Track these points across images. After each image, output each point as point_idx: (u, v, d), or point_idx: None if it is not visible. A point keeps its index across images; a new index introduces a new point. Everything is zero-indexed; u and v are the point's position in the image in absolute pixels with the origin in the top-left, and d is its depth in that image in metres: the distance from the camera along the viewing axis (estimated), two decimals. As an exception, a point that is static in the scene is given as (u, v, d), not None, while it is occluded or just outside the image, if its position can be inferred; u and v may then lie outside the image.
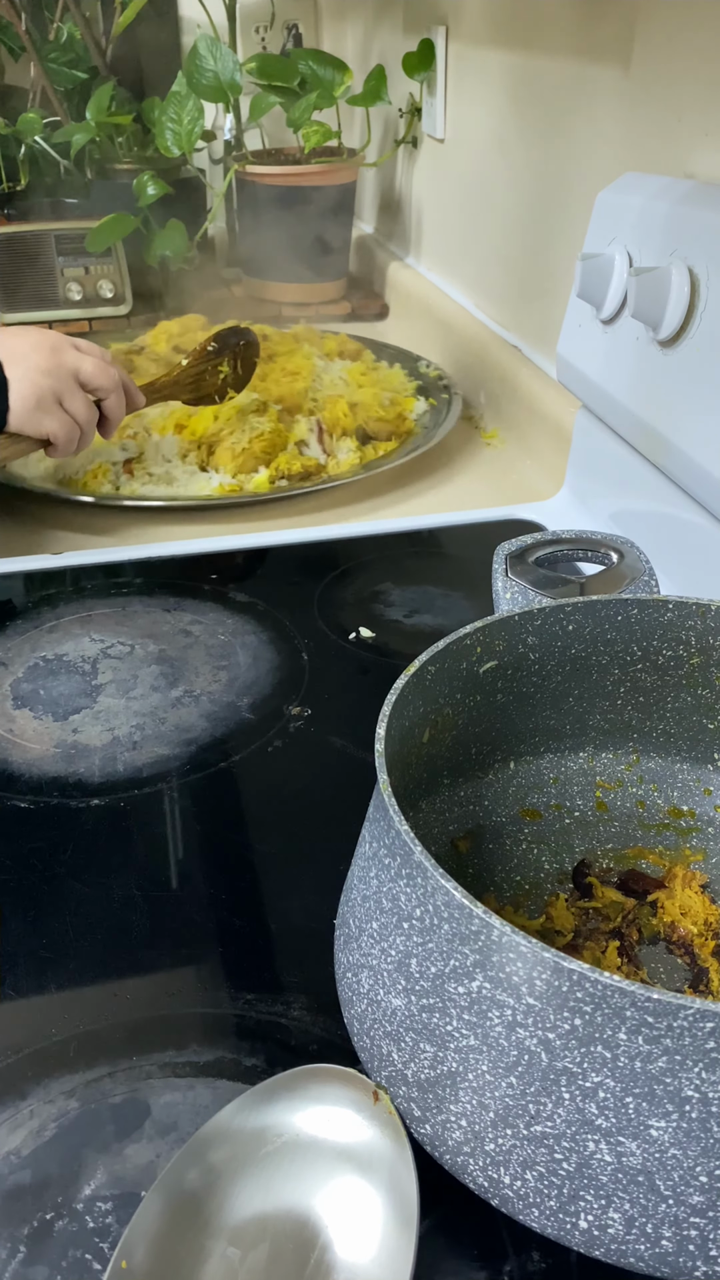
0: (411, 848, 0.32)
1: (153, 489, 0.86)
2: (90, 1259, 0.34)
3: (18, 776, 0.55)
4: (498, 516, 0.83)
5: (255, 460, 0.87)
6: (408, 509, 0.87)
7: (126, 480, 0.86)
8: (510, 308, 1.04)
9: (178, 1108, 0.38)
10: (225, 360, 0.90)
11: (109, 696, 0.61)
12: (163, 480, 0.86)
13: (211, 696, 0.61)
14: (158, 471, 0.87)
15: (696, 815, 0.48)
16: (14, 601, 0.71)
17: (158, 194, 1.18)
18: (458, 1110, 0.32)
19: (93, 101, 1.25)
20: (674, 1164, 0.29)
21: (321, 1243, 0.33)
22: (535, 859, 0.46)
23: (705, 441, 0.62)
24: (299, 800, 0.54)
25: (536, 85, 0.91)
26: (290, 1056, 0.40)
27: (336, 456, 0.91)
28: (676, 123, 0.70)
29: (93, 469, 0.85)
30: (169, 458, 0.88)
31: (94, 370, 0.74)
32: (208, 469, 0.88)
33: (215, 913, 0.47)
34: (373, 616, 0.69)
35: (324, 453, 0.90)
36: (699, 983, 0.41)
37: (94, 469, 0.85)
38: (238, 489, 0.85)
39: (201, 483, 0.86)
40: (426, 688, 0.40)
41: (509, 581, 0.51)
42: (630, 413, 0.70)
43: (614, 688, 0.47)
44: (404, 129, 1.26)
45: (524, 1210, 0.32)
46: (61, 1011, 0.42)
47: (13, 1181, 0.36)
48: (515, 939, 0.29)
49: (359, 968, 0.36)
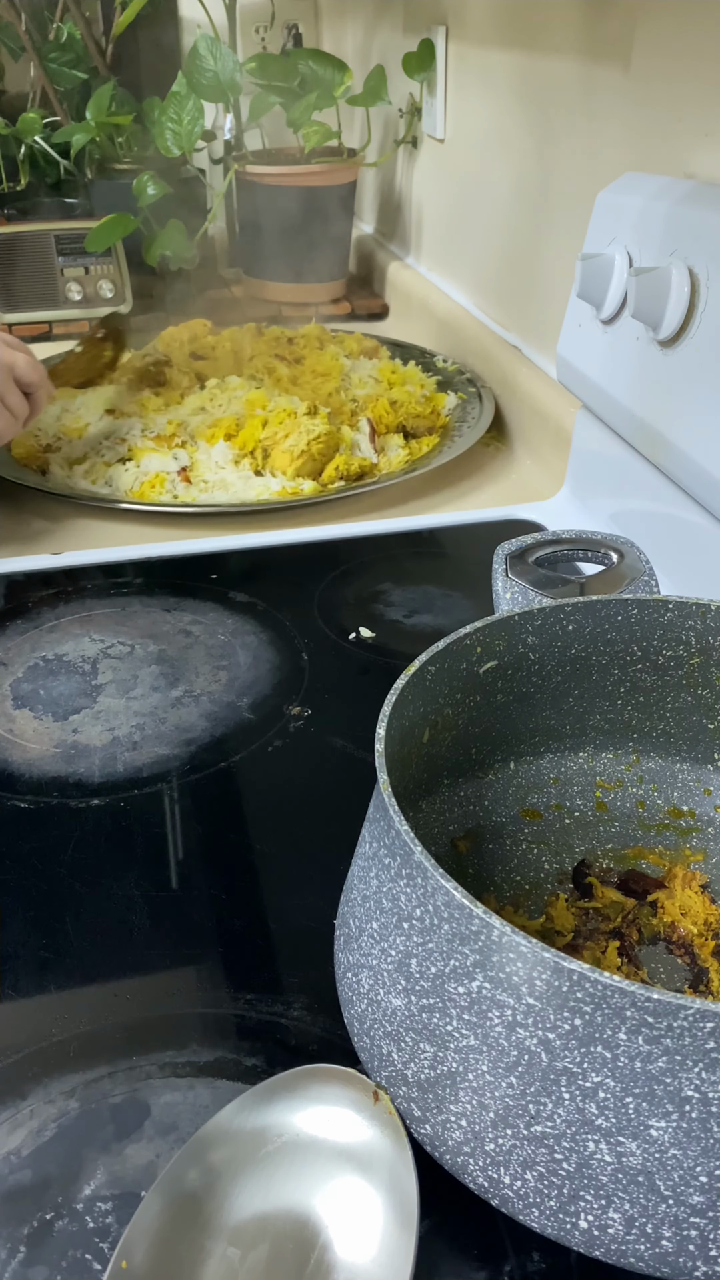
0: (411, 848, 0.32)
1: (210, 496, 0.84)
2: (90, 1259, 0.34)
3: (18, 776, 0.55)
4: (498, 516, 0.83)
5: (314, 463, 0.86)
6: (408, 509, 0.87)
7: (185, 488, 0.85)
8: (510, 308, 1.04)
9: (178, 1108, 0.38)
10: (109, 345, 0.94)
11: (109, 696, 0.61)
12: (219, 487, 0.85)
13: (211, 696, 0.61)
14: (213, 479, 0.86)
15: (696, 815, 0.48)
16: (14, 601, 0.71)
17: (158, 194, 1.18)
18: (458, 1110, 0.32)
19: (93, 101, 1.25)
20: (674, 1164, 0.29)
21: (321, 1243, 0.33)
22: (535, 859, 0.46)
23: (705, 441, 0.62)
24: (299, 800, 0.54)
25: (537, 85, 0.91)
26: (290, 1056, 0.40)
27: (387, 454, 0.91)
28: (676, 123, 0.70)
29: (150, 480, 0.84)
30: (222, 465, 0.87)
31: (26, 366, 0.78)
32: (263, 473, 0.87)
33: (215, 913, 0.47)
34: (373, 616, 0.69)
35: (375, 452, 0.90)
36: (699, 983, 0.41)
37: (151, 480, 0.84)
38: (297, 491, 0.84)
39: (259, 487, 0.85)
40: (426, 688, 0.40)
41: (509, 581, 0.51)
42: (630, 413, 0.70)
43: (614, 688, 0.47)
44: (404, 129, 1.26)
45: (524, 1210, 0.32)
46: (61, 1011, 0.42)
47: (13, 1181, 0.36)
48: (515, 939, 0.29)
49: (359, 968, 0.36)
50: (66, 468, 0.89)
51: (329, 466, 0.86)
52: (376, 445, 0.91)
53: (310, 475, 0.86)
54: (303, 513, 0.85)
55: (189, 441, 0.90)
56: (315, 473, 0.86)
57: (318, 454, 0.86)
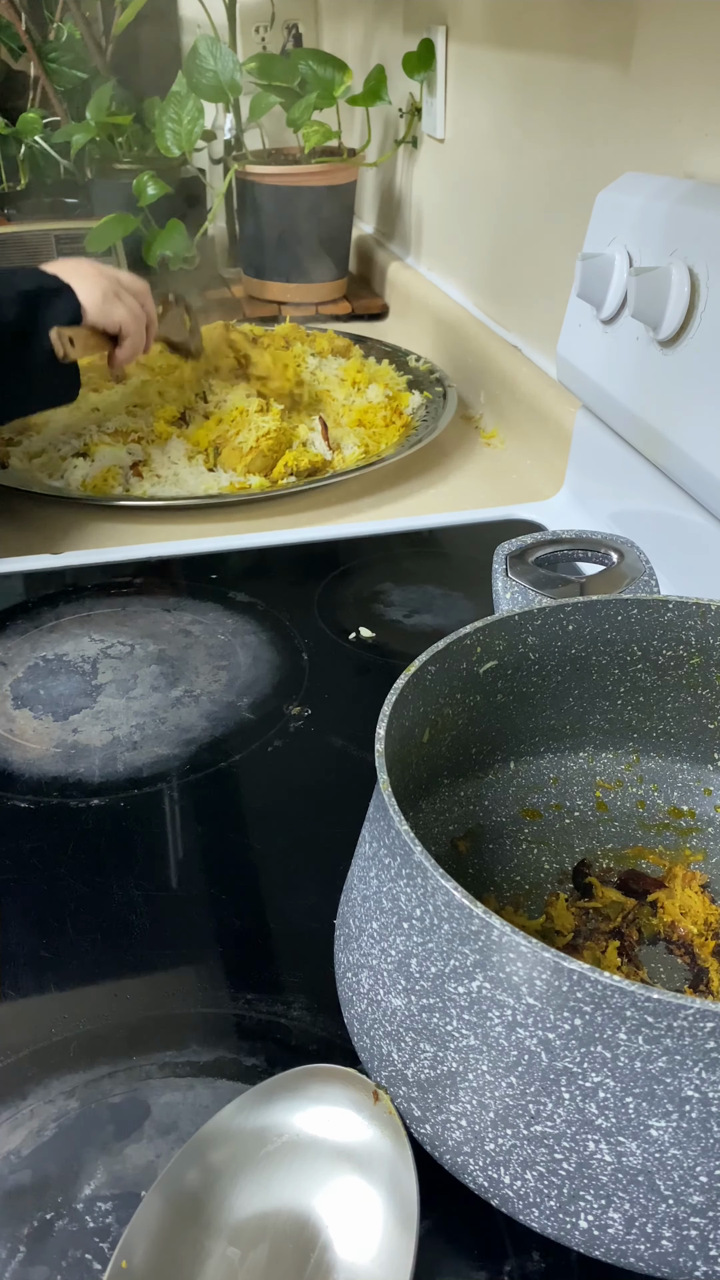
0: (411, 848, 0.32)
1: (161, 489, 0.86)
2: (90, 1259, 0.34)
3: (18, 776, 0.55)
4: (498, 516, 0.83)
5: (264, 459, 0.87)
6: (408, 509, 0.87)
7: (136, 482, 0.87)
8: (510, 308, 1.04)
9: (178, 1108, 0.38)
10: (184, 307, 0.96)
11: (109, 696, 0.61)
12: (171, 482, 0.87)
13: (211, 696, 0.61)
14: (165, 473, 0.88)
15: (696, 815, 0.48)
16: (14, 601, 0.71)
17: (158, 194, 1.18)
18: (458, 1110, 0.32)
19: (93, 101, 1.25)
20: (674, 1164, 0.29)
21: (321, 1243, 0.33)
22: (535, 859, 0.46)
23: (705, 441, 0.62)
24: (299, 800, 0.54)
25: (537, 85, 0.91)
26: (290, 1056, 0.40)
27: (341, 452, 0.91)
28: (676, 123, 0.70)
29: (102, 473, 0.86)
30: (175, 460, 0.89)
31: (130, 278, 0.85)
32: (215, 469, 0.89)
33: (215, 913, 0.47)
34: (373, 616, 0.69)
35: (329, 449, 0.91)
36: (699, 983, 0.41)
37: (103, 473, 0.86)
38: (245, 486, 0.86)
39: (210, 482, 0.87)
40: (426, 688, 0.40)
41: (509, 581, 0.51)
42: (630, 413, 0.70)
43: (614, 688, 0.47)
44: (404, 129, 1.26)
45: (524, 1210, 0.32)
46: (61, 1011, 0.42)
47: (13, 1181, 0.36)
48: (515, 939, 0.29)
49: (359, 968, 0.36)
50: (26, 461, 0.90)
51: (279, 463, 0.88)
52: (330, 442, 0.91)
53: (261, 471, 0.87)
54: (273, 507, 0.86)
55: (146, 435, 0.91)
56: (266, 469, 0.88)
57: (268, 450, 0.87)
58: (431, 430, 0.93)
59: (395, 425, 0.96)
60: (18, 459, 0.91)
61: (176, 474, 0.87)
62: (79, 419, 0.94)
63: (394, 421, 0.96)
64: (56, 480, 0.88)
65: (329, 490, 0.88)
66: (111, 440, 0.90)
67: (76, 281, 0.79)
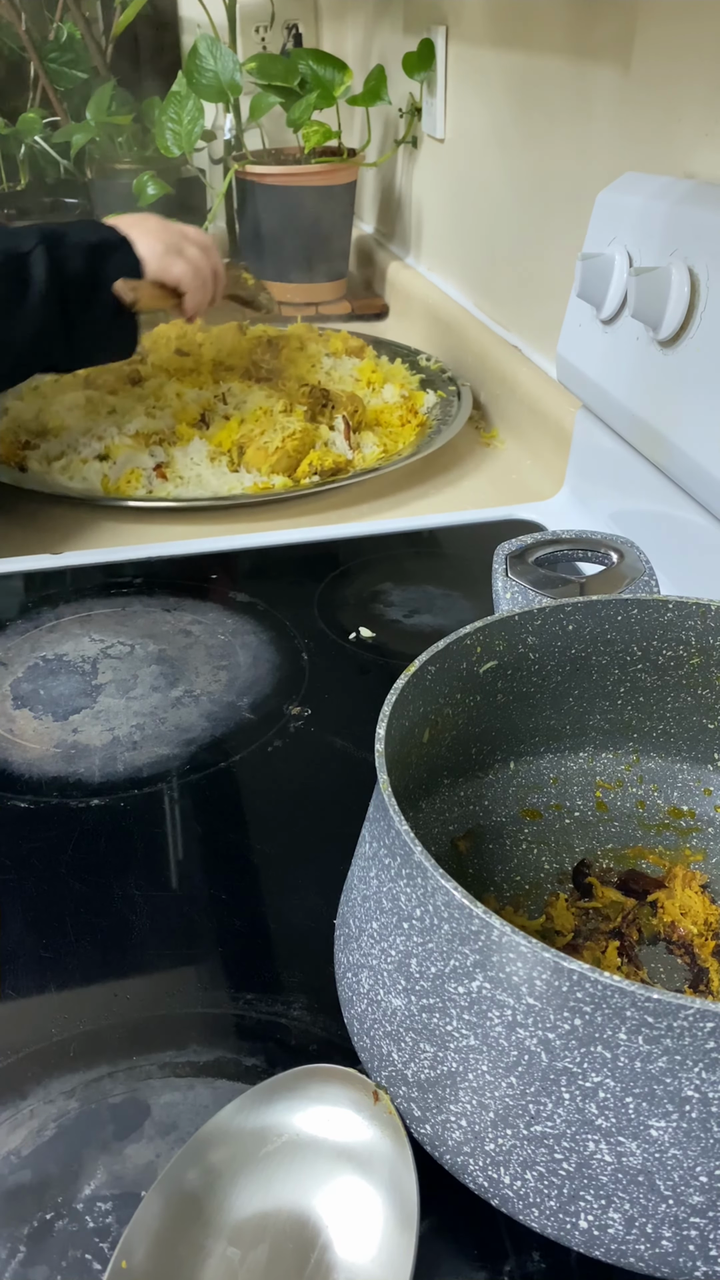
0: (411, 848, 0.32)
1: (185, 491, 0.86)
2: (90, 1259, 0.34)
3: (18, 776, 0.55)
4: (498, 516, 0.83)
5: (289, 459, 0.87)
6: (408, 509, 0.87)
7: (160, 484, 0.86)
8: (510, 308, 1.04)
9: (178, 1108, 0.38)
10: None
11: (109, 696, 0.61)
12: (194, 483, 0.86)
13: (211, 696, 0.61)
14: (189, 475, 0.87)
15: (696, 815, 0.48)
16: (14, 601, 0.71)
17: (158, 194, 1.18)
18: (458, 1110, 0.32)
19: (93, 101, 1.25)
20: (674, 1164, 0.29)
21: (321, 1243, 0.33)
22: (535, 859, 0.46)
23: (705, 441, 0.62)
24: (299, 800, 0.54)
25: (537, 85, 0.91)
26: (290, 1056, 0.40)
27: (362, 451, 0.91)
28: (676, 123, 0.70)
29: (126, 475, 0.85)
30: (197, 461, 0.88)
31: (196, 231, 0.86)
32: (239, 469, 0.88)
33: (215, 913, 0.47)
34: (373, 616, 0.69)
35: (350, 448, 0.91)
36: (699, 983, 0.41)
37: (127, 475, 0.85)
38: (269, 487, 0.86)
39: (233, 483, 0.86)
40: (426, 688, 0.40)
41: (509, 581, 0.51)
42: (630, 413, 0.70)
43: (614, 688, 0.47)
44: (404, 129, 1.26)
45: (524, 1210, 0.32)
46: (61, 1011, 0.42)
47: (13, 1181, 0.36)
48: (515, 939, 0.29)
49: (359, 968, 0.36)
50: (45, 464, 0.90)
51: (303, 462, 0.88)
52: (352, 442, 0.91)
53: (285, 471, 0.87)
54: (283, 508, 0.85)
55: (168, 437, 0.91)
56: (290, 469, 0.87)
57: (293, 450, 0.87)
58: (448, 429, 0.93)
59: (411, 424, 0.96)
60: (36, 461, 0.90)
61: (199, 475, 0.87)
62: (98, 421, 0.93)
63: (409, 421, 0.96)
64: (78, 483, 0.87)
65: (332, 492, 0.88)
66: (133, 442, 0.90)
67: (138, 235, 0.80)
